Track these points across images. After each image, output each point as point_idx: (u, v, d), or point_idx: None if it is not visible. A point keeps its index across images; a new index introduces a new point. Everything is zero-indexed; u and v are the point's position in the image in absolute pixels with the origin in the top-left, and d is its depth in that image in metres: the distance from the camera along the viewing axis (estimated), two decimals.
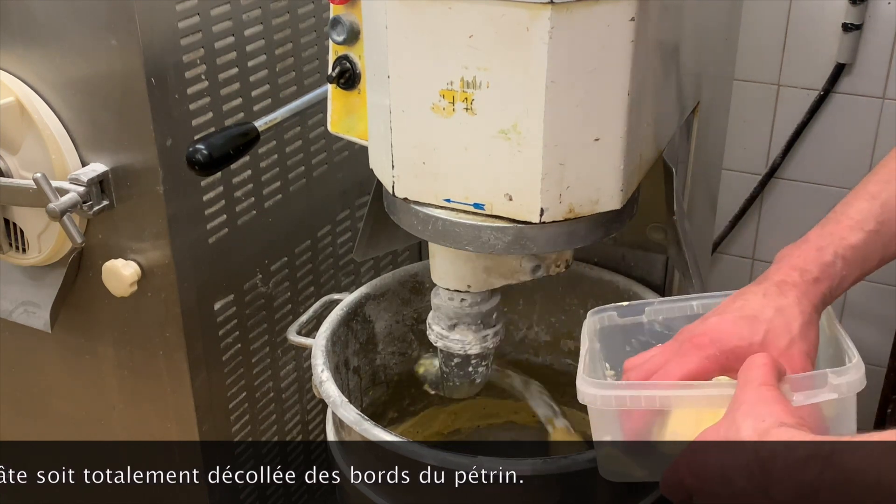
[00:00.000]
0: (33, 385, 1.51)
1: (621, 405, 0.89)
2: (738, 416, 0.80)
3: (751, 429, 0.77)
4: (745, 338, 0.89)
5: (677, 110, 1.13)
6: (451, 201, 0.97)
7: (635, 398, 0.89)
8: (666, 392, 0.88)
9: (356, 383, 1.34)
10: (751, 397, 0.81)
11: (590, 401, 0.90)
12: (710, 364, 0.90)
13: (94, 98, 1.20)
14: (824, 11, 1.70)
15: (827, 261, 0.92)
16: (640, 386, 0.90)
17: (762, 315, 0.90)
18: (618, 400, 0.89)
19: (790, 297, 0.90)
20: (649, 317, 1.04)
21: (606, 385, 0.92)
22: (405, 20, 0.90)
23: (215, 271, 1.33)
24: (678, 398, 0.88)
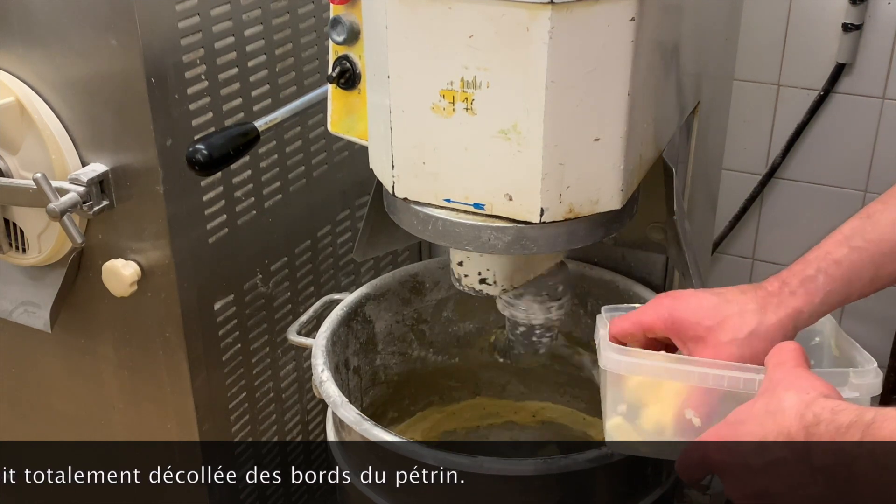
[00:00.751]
0: (33, 385, 1.51)
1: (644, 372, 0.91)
2: (778, 389, 0.81)
3: (795, 398, 0.79)
4: (699, 317, 0.92)
5: (677, 110, 1.13)
6: (451, 201, 0.97)
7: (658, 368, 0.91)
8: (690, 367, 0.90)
9: (356, 383, 1.34)
10: (789, 375, 0.83)
11: (612, 366, 0.92)
12: (657, 323, 0.95)
13: (94, 98, 1.20)
14: (824, 11, 1.70)
15: (808, 275, 0.93)
16: (663, 357, 0.92)
17: (726, 307, 0.92)
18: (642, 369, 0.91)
19: (758, 303, 0.92)
20: None
21: (631, 352, 0.93)
22: (405, 20, 0.90)
23: (215, 271, 1.33)
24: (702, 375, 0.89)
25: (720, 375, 0.89)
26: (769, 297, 0.92)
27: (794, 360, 0.85)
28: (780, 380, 0.82)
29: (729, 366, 0.90)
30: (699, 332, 0.92)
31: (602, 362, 0.94)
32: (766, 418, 0.79)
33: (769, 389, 0.82)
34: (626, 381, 0.93)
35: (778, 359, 0.86)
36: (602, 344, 0.96)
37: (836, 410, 0.75)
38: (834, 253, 0.92)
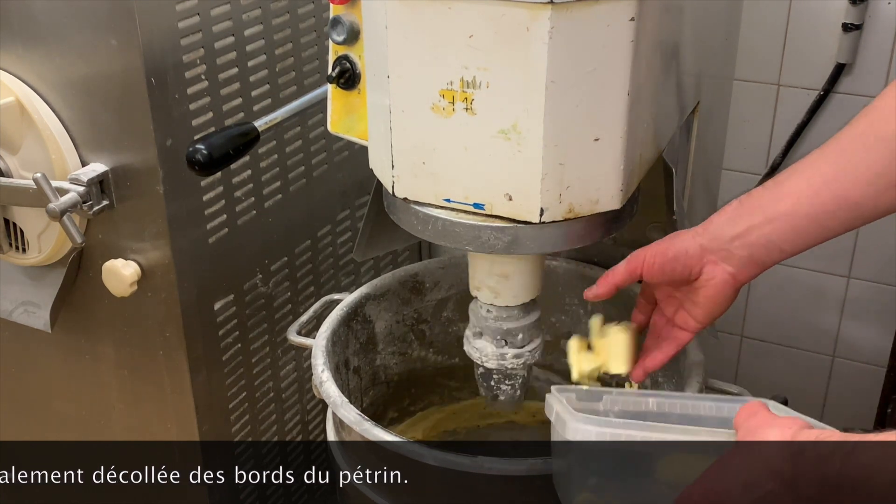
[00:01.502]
0: (33, 385, 1.51)
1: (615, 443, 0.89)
2: (758, 431, 0.81)
3: (777, 433, 0.79)
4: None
5: (677, 110, 1.13)
6: (451, 201, 0.97)
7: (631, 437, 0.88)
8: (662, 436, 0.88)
9: (356, 383, 1.34)
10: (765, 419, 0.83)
11: (582, 436, 0.89)
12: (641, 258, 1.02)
13: (94, 98, 1.20)
14: (824, 11, 1.69)
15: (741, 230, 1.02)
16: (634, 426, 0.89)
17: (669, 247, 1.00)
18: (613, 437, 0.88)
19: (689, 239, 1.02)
20: (605, 406, 1.04)
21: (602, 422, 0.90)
22: (405, 20, 0.90)
23: (215, 271, 1.33)
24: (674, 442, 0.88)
25: (692, 441, 0.87)
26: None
27: (764, 408, 0.85)
28: (758, 423, 0.83)
29: (700, 432, 0.88)
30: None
31: (570, 434, 0.90)
32: (751, 455, 0.80)
33: (748, 433, 0.83)
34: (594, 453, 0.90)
35: (748, 411, 0.86)
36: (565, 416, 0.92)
37: (818, 440, 0.76)
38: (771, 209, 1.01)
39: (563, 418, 0.92)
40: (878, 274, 1.82)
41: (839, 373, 1.93)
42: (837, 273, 1.84)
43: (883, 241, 1.75)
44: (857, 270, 1.83)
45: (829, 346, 1.92)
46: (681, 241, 1.01)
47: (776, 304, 1.86)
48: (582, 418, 0.90)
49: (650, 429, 0.89)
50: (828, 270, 1.81)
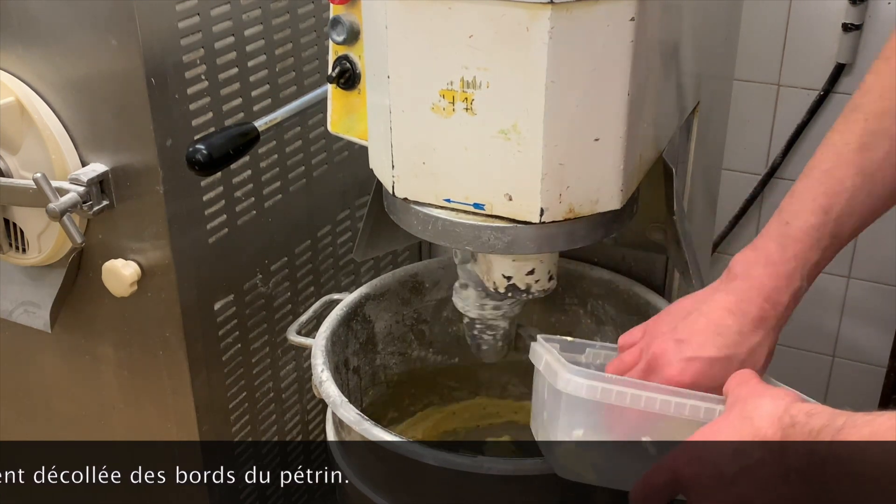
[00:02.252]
0: (33, 385, 1.51)
1: (606, 398, 0.89)
2: (750, 398, 0.81)
3: (770, 404, 0.79)
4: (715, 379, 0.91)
5: (677, 110, 1.13)
6: (451, 201, 0.97)
7: (621, 394, 0.89)
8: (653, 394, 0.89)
9: (356, 383, 1.34)
10: (757, 387, 0.83)
11: (573, 389, 0.90)
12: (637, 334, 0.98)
13: (94, 98, 1.20)
14: (824, 11, 1.69)
15: (796, 287, 0.93)
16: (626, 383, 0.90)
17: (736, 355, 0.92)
18: (603, 393, 0.89)
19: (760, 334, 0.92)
20: (587, 359, 1.05)
21: (594, 375, 0.91)
22: (405, 20, 0.90)
23: (215, 271, 1.33)
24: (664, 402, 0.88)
25: (682, 403, 0.88)
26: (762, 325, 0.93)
27: (755, 377, 0.85)
28: (750, 392, 0.83)
29: (692, 394, 0.89)
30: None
31: (561, 384, 0.90)
32: (742, 423, 0.79)
33: (740, 401, 0.82)
34: (584, 406, 0.91)
35: (739, 379, 0.86)
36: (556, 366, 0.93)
37: (811, 413, 0.75)
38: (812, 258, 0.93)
39: (553, 368, 0.93)
40: (878, 274, 1.82)
41: (839, 373, 1.93)
42: (837, 273, 1.84)
43: (883, 241, 1.75)
44: (857, 270, 1.83)
45: (829, 346, 1.92)
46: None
47: None
48: (574, 370, 0.91)
49: (641, 387, 0.89)
50: (828, 270, 1.80)
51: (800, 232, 0.93)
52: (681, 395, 0.89)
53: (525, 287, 1.10)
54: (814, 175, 0.94)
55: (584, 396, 0.89)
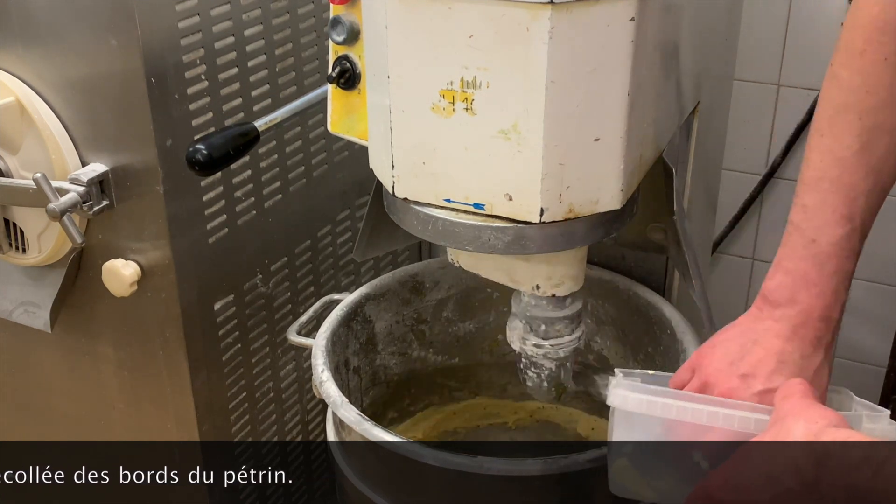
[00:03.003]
0: (33, 385, 1.51)
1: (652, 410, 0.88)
2: (787, 421, 0.79)
3: (803, 429, 0.77)
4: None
5: (677, 110, 1.13)
6: (451, 201, 0.97)
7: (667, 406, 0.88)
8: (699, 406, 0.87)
9: (356, 383, 1.34)
10: (797, 405, 0.81)
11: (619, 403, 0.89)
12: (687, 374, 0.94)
13: (94, 98, 1.20)
14: (824, 11, 1.69)
15: (843, 300, 0.92)
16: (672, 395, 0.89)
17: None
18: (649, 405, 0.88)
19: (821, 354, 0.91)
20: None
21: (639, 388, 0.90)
22: (405, 20, 0.90)
23: (215, 271, 1.33)
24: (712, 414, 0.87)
25: (730, 415, 0.86)
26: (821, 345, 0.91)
27: (801, 391, 0.83)
28: (788, 411, 0.81)
29: (741, 405, 0.87)
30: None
31: (609, 399, 0.90)
32: (774, 450, 0.78)
33: (776, 420, 0.81)
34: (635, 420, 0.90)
35: (784, 392, 0.84)
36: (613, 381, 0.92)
37: (845, 445, 0.73)
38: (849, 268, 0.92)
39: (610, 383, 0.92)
40: (878, 274, 1.82)
41: (839, 373, 1.93)
42: None
43: (883, 242, 1.75)
44: (857, 270, 1.83)
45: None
46: None
47: None
48: (626, 384, 0.90)
49: (689, 399, 0.88)
50: None
51: (831, 247, 0.91)
52: (729, 405, 0.87)
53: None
54: (823, 186, 0.91)
55: (631, 409, 0.89)
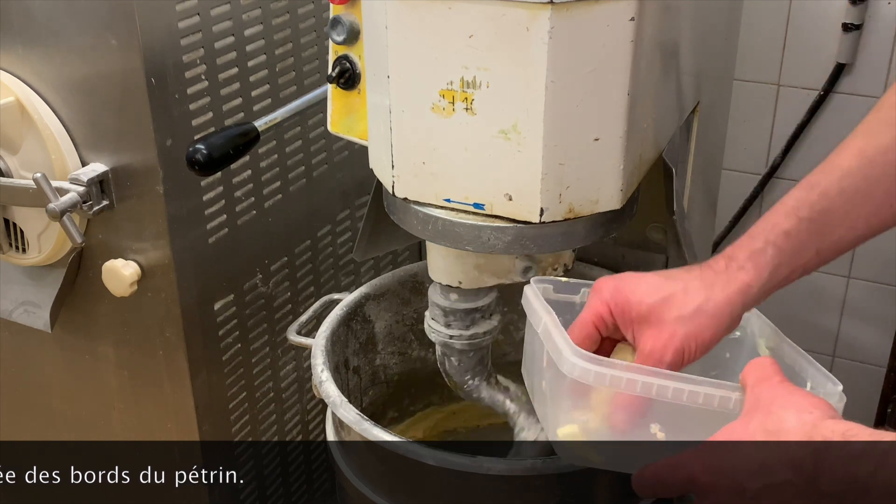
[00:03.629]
0: (33, 385, 1.51)
1: (615, 386, 0.85)
2: (774, 408, 0.77)
3: (795, 419, 0.75)
4: (640, 296, 0.88)
5: (677, 110, 1.13)
6: (451, 201, 0.97)
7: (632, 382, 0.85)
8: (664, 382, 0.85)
9: (356, 383, 1.34)
10: (779, 392, 0.79)
11: (579, 374, 0.85)
12: (602, 308, 0.90)
13: (94, 98, 1.20)
14: (824, 11, 1.70)
15: (756, 248, 0.89)
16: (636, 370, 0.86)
17: (668, 285, 0.88)
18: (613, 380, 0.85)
19: (704, 280, 0.88)
20: (581, 299, 1.00)
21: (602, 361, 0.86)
22: (405, 20, 0.90)
23: (215, 271, 1.33)
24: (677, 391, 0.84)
25: (695, 392, 0.84)
26: (716, 275, 0.88)
27: (777, 374, 0.81)
28: (773, 397, 0.79)
29: (705, 382, 0.85)
30: (642, 310, 0.88)
31: (566, 368, 0.86)
32: (766, 438, 0.76)
33: (761, 407, 0.79)
34: (591, 391, 0.87)
35: (758, 374, 0.82)
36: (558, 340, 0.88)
37: (846, 435, 0.72)
38: (782, 224, 0.89)
39: (555, 342, 0.89)
40: (878, 274, 1.82)
41: (839, 373, 1.93)
42: (837, 273, 1.84)
43: (883, 242, 1.75)
44: (857, 270, 1.83)
45: (829, 346, 1.92)
46: None
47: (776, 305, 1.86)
48: (580, 354, 0.86)
49: (651, 374, 0.85)
50: (828, 270, 1.81)
51: (780, 204, 0.92)
52: (693, 382, 0.85)
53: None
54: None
55: (591, 384, 0.86)
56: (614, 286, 0.91)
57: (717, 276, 0.89)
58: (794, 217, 0.90)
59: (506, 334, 1.41)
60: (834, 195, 0.90)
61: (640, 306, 0.88)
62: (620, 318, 0.90)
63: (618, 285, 0.91)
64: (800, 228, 0.90)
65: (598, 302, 0.91)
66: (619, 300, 0.90)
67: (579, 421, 0.89)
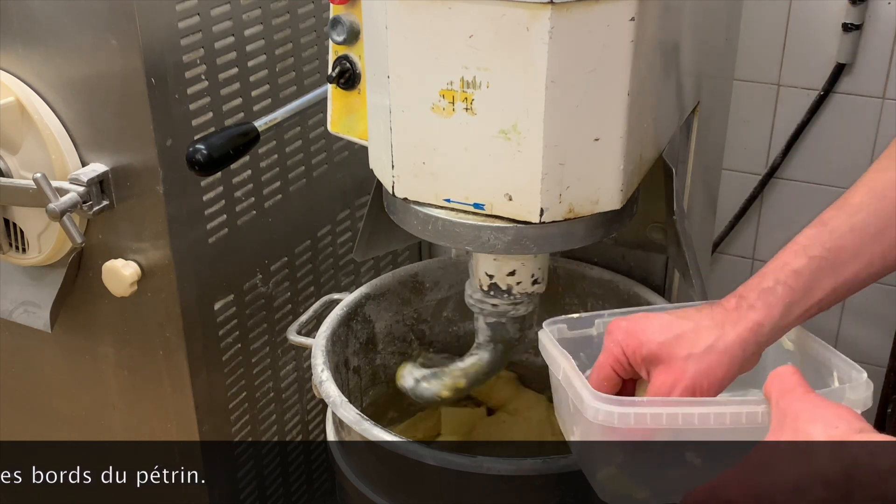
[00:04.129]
0: (33, 385, 1.51)
1: (641, 424, 0.84)
2: (800, 423, 0.76)
3: (823, 434, 0.74)
4: (651, 335, 0.89)
5: (677, 110, 1.13)
6: (451, 201, 0.97)
7: (657, 416, 0.84)
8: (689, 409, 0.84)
9: (356, 383, 1.34)
10: (805, 404, 0.78)
11: (604, 419, 0.85)
12: (617, 350, 0.90)
13: (94, 98, 1.20)
14: (824, 11, 1.70)
15: (766, 287, 0.89)
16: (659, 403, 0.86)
17: (679, 324, 0.89)
18: (637, 418, 0.84)
19: (714, 319, 0.88)
20: (598, 330, 1.01)
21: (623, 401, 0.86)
22: (405, 20, 0.90)
23: (215, 271, 1.33)
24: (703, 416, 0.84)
25: (721, 413, 0.83)
26: (727, 314, 0.88)
27: (800, 385, 0.80)
28: (798, 411, 0.78)
29: (729, 402, 0.84)
30: (652, 349, 0.88)
31: (590, 415, 0.86)
32: (798, 458, 0.74)
33: (787, 422, 0.78)
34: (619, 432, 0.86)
35: (782, 386, 0.81)
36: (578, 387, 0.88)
37: (873, 453, 0.71)
38: (792, 263, 0.89)
39: (576, 388, 0.88)
40: None
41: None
42: None
43: None
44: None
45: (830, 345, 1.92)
46: None
47: None
48: (602, 398, 0.86)
49: (675, 404, 0.85)
50: None
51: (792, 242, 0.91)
52: (716, 404, 0.84)
53: (506, 288, 1.10)
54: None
55: (617, 425, 0.85)
56: (626, 328, 0.91)
57: (727, 315, 0.89)
58: (803, 256, 0.89)
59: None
60: (845, 231, 0.89)
61: (651, 345, 0.88)
62: (633, 359, 0.90)
63: (629, 327, 0.91)
64: (811, 267, 0.89)
65: (612, 344, 0.91)
66: (631, 342, 0.90)
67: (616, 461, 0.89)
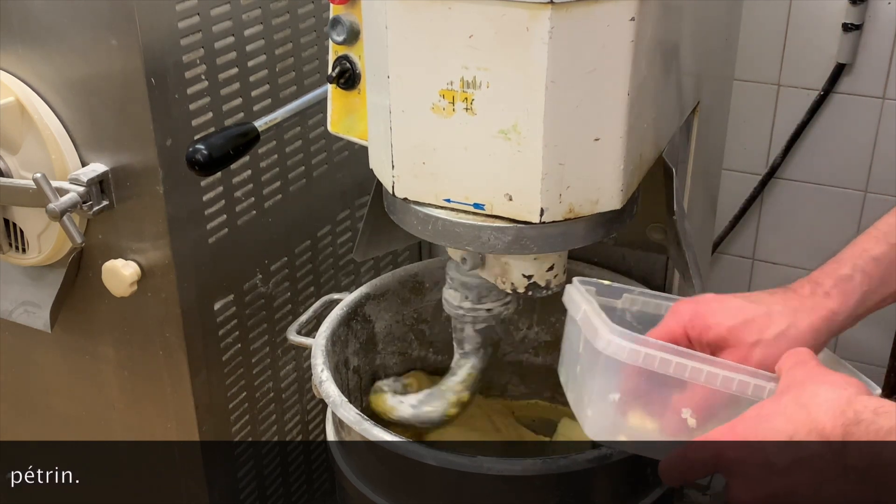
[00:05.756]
0: (33, 385, 1.51)
1: (649, 365, 0.83)
2: (808, 384, 0.75)
3: (831, 393, 0.73)
4: (720, 318, 0.87)
5: (677, 110, 1.13)
6: (451, 201, 0.97)
7: (665, 361, 0.83)
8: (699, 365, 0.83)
9: (356, 383, 1.34)
10: (816, 372, 0.78)
11: (614, 350, 0.84)
12: (678, 330, 0.89)
13: (94, 98, 1.20)
14: (824, 11, 1.70)
15: (843, 274, 0.87)
16: (671, 350, 0.84)
17: (751, 308, 0.87)
18: (647, 359, 0.83)
19: (788, 305, 0.87)
20: (623, 304, 1.01)
21: (637, 339, 0.85)
22: (405, 20, 0.90)
23: (215, 271, 1.33)
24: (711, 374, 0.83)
25: (729, 378, 0.82)
26: (801, 300, 0.86)
27: (813, 359, 0.80)
28: (808, 376, 0.77)
29: (740, 369, 0.83)
30: (720, 332, 0.86)
31: (601, 345, 0.85)
32: (797, 412, 0.74)
33: (795, 385, 0.77)
34: (624, 370, 0.86)
35: (796, 359, 0.80)
36: (596, 322, 0.87)
37: (878, 412, 0.70)
38: (872, 250, 0.87)
39: (593, 323, 0.88)
40: None
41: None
42: None
43: None
44: None
45: (830, 346, 1.91)
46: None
47: None
48: (616, 330, 0.86)
49: (687, 356, 0.84)
50: None
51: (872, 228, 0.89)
52: (729, 368, 0.83)
53: (545, 284, 1.10)
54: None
55: (625, 360, 0.85)
56: (694, 310, 0.89)
57: (801, 302, 0.87)
58: (884, 243, 0.88)
59: (506, 335, 1.41)
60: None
61: (720, 328, 0.87)
62: (698, 342, 0.88)
63: (697, 309, 0.89)
64: (890, 254, 0.87)
65: (675, 324, 0.90)
66: (698, 323, 0.88)
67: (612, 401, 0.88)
